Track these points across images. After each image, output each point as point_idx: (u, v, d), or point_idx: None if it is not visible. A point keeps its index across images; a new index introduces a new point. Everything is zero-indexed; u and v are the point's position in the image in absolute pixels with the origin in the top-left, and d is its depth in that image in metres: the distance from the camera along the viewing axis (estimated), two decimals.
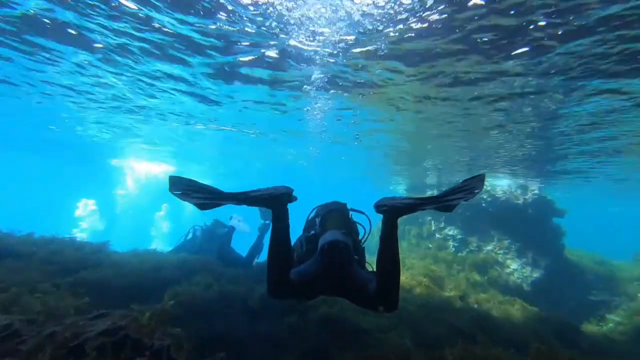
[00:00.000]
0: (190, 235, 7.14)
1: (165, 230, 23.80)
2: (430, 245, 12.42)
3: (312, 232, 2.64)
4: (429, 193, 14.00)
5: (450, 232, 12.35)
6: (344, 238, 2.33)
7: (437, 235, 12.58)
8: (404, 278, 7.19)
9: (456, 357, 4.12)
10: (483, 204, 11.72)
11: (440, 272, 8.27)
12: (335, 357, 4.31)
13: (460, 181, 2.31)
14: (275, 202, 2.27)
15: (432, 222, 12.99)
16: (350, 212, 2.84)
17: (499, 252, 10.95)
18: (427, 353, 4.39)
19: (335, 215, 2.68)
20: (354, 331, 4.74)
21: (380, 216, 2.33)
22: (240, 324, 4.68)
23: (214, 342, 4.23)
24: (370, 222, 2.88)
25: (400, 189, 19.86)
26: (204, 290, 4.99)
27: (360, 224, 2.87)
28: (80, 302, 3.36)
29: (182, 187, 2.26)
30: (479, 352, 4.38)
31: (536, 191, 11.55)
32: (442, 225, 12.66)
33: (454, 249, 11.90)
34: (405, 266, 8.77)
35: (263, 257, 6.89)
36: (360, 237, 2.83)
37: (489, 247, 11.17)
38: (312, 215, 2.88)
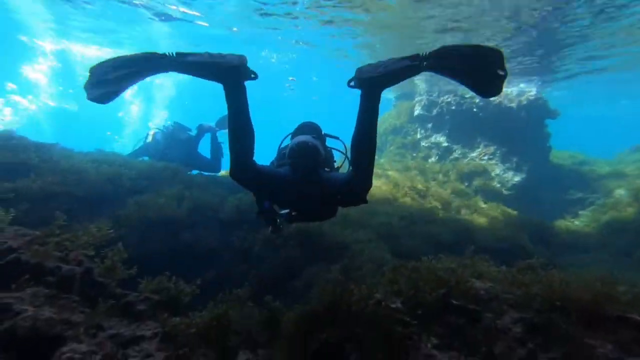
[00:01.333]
0: (149, 139, 6.44)
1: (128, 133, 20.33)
2: (415, 155, 11.97)
3: (284, 151, 2.48)
4: (417, 99, 12.82)
5: (436, 140, 11.75)
6: (312, 140, 2.26)
7: (423, 144, 12.01)
8: (385, 188, 6.77)
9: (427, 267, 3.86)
10: (474, 109, 10.81)
11: (424, 183, 7.92)
12: (304, 269, 4.03)
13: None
14: (224, 75, 2.00)
15: (419, 129, 12.23)
16: (325, 138, 2.70)
17: (483, 158, 10.60)
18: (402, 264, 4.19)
19: (305, 127, 2.64)
20: (331, 245, 4.38)
21: None
22: (210, 237, 4.32)
23: (181, 253, 3.87)
24: (345, 147, 2.69)
25: (390, 97, 18.40)
26: (171, 201, 4.44)
27: (336, 149, 2.73)
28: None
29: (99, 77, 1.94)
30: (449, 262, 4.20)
31: (533, 92, 10.54)
32: (428, 132, 11.95)
33: (437, 157, 11.50)
34: (386, 178, 8.34)
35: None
36: (334, 162, 2.72)
37: (474, 154, 10.78)
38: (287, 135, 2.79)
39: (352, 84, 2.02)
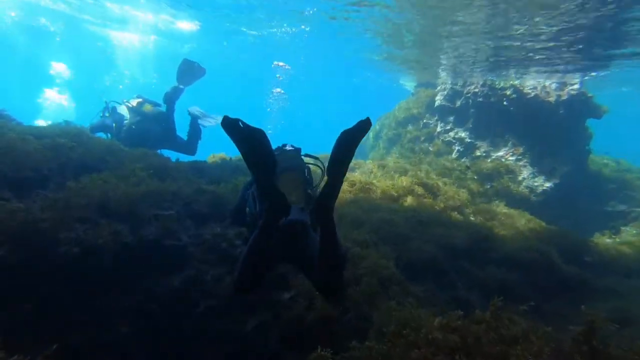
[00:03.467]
0: (107, 114, 5.53)
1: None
2: (431, 149, 10.85)
3: None
4: (439, 88, 11.61)
5: (457, 135, 10.58)
6: (302, 217, 2.18)
7: (440, 139, 10.87)
8: (391, 183, 5.82)
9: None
10: (504, 102, 9.55)
11: (436, 180, 6.90)
12: (290, 279, 3.20)
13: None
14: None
15: (438, 122, 11.08)
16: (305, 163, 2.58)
17: (510, 158, 9.39)
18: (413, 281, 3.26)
19: (292, 179, 2.38)
20: None
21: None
22: (180, 232, 3.43)
23: (143, 251, 3.06)
24: (323, 170, 2.51)
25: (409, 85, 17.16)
26: (133, 186, 3.51)
27: (314, 163, 2.64)
28: None
29: None
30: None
31: (576, 86, 9.15)
32: (450, 126, 10.78)
33: (457, 154, 10.35)
34: (394, 171, 7.37)
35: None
36: (313, 186, 2.55)
37: (500, 153, 9.57)
38: None
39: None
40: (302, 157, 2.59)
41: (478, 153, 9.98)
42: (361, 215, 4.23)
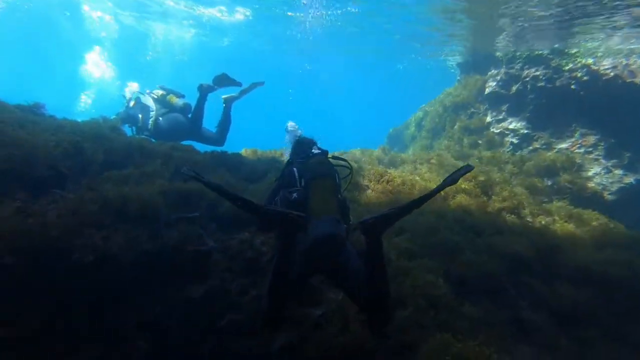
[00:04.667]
0: (131, 104, 5.38)
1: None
2: (480, 142, 9.81)
3: (295, 195, 2.24)
4: (491, 72, 10.39)
5: (512, 125, 9.42)
6: (339, 230, 2.03)
7: (492, 129, 9.76)
8: (438, 181, 5.21)
9: None
10: (572, 86, 8.25)
11: (487, 176, 6.09)
12: (321, 292, 2.88)
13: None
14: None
15: (489, 111, 9.96)
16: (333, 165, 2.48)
17: (577, 151, 8.12)
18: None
19: (324, 186, 2.25)
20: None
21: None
22: (203, 237, 3.25)
23: (161, 257, 2.95)
24: (351, 170, 2.62)
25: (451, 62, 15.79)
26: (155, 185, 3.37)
27: (342, 165, 2.57)
28: None
29: None
30: None
31: None
32: (503, 115, 9.63)
33: (511, 147, 9.22)
34: (441, 166, 6.66)
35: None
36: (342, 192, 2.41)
37: (564, 145, 8.32)
38: (289, 162, 2.55)
39: (354, 225, 2.04)
40: (331, 160, 2.47)
41: (536, 145, 8.79)
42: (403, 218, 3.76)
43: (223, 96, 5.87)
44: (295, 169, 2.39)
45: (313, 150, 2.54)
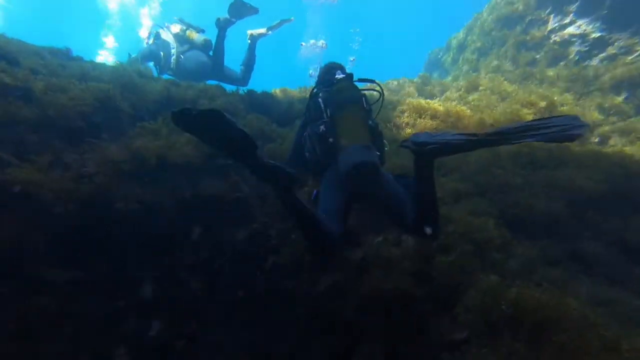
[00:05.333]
0: (150, 41, 5.16)
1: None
2: (537, 57, 8.34)
3: (322, 128, 2.18)
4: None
5: (580, 30, 7.77)
6: (371, 157, 2.00)
7: (553, 39, 8.18)
8: (493, 113, 4.58)
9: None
10: None
11: (551, 98, 5.21)
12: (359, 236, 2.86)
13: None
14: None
15: (551, 16, 8.24)
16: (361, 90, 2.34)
17: None
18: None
19: (351, 114, 2.13)
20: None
21: None
22: (240, 183, 3.30)
23: (202, 205, 3.10)
24: (382, 91, 2.50)
25: None
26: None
27: (372, 89, 2.55)
28: None
29: None
30: None
31: None
32: (570, 18, 7.92)
33: (577, 57, 7.74)
34: (493, 92, 5.83)
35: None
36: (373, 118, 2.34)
37: None
38: (315, 94, 2.42)
39: (405, 144, 1.84)
40: (357, 84, 2.32)
41: (612, 51, 7.25)
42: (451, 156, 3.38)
43: (249, 31, 5.44)
44: (320, 99, 2.29)
45: (337, 76, 2.38)
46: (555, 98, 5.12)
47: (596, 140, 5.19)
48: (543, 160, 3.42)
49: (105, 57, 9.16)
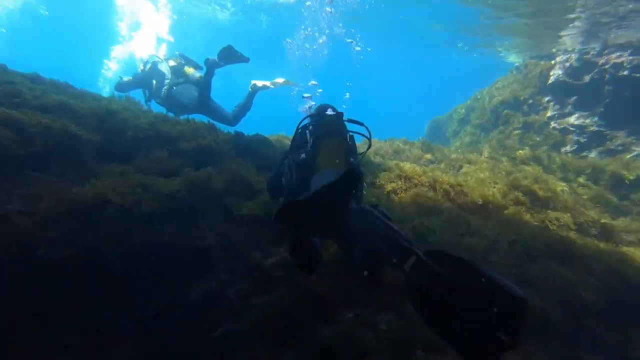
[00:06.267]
0: (146, 68, 5.17)
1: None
2: (538, 140, 8.55)
3: (303, 155, 2.26)
4: (558, 59, 8.85)
5: (577, 122, 8.06)
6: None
7: (553, 125, 8.45)
8: (482, 189, 4.44)
9: None
10: None
11: (546, 184, 5.13)
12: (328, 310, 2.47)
13: None
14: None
15: (551, 104, 8.61)
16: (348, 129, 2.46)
17: None
18: None
19: (333, 145, 2.22)
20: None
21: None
22: (205, 232, 2.93)
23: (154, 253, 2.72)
24: (370, 134, 2.53)
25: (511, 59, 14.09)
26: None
27: (358, 133, 2.51)
28: None
29: None
30: None
31: None
32: (568, 109, 8.26)
33: (575, 146, 7.91)
34: (490, 172, 5.77)
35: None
36: (357, 156, 2.43)
37: None
38: (302, 125, 2.53)
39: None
40: (345, 122, 2.40)
41: (611, 146, 7.41)
42: (439, 231, 3.13)
43: (253, 81, 5.62)
44: (307, 131, 2.40)
45: (327, 112, 2.49)
46: (553, 188, 5.02)
47: (591, 231, 4.98)
48: (543, 249, 3.15)
49: (111, 67, 8.92)
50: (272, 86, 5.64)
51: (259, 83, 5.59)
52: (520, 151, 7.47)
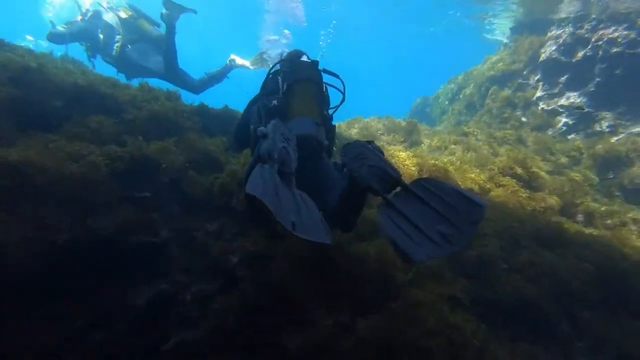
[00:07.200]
0: (87, 17, 4.31)
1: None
2: (524, 120, 8.33)
3: (274, 102, 2.13)
4: (551, 33, 8.52)
5: (569, 101, 7.84)
6: (316, 132, 1.99)
7: (541, 106, 8.22)
8: (467, 172, 4.16)
9: None
10: None
11: (534, 166, 4.91)
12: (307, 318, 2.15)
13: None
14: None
15: (541, 83, 8.33)
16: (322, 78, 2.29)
17: None
18: None
19: (307, 89, 2.16)
20: (351, 278, 2.29)
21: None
22: (157, 223, 2.51)
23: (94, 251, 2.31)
24: (344, 87, 2.35)
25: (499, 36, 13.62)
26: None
27: (332, 86, 2.33)
28: None
29: None
30: None
31: None
32: (557, 90, 8.01)
33: (564, 128, 7.73)
34: (472, 152, 5.50)
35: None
36: (331, 109, 2.33)
37: (636, 129, 6.76)
38: (274, 70, 2.40)
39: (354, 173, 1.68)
40: (321, 71, 2.25)
41: (598, 128, 7.26)
42: None
43: (233, 55, 5.17)
44: (279, 77, 2.25)
45: (301, 59, 2.35)
46: (539, 169, 4.81)
47: (577, 214, 4.85)
48: (527, 234, 2.92)
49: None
50: (252, 67, 5.22)
51: (239, 60, 5.13)
52: (506, 132, 7.24)
